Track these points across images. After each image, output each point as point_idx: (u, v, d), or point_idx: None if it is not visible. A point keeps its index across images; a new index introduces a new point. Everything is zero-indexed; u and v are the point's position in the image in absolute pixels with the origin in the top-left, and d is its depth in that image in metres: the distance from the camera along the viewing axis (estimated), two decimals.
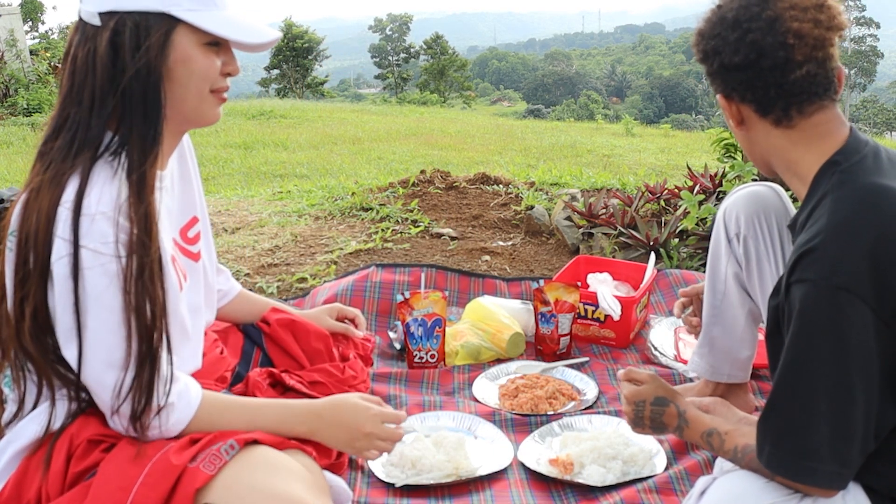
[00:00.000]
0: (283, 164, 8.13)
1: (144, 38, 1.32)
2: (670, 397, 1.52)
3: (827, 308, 1.18)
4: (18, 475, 1.33)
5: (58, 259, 1.26)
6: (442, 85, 42.62)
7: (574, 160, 8.59)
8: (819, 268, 1.19)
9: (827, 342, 1.18)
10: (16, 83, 12.32)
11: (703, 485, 1.40)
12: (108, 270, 1.27)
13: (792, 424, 1.23)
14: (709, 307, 2.01)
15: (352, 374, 1.99)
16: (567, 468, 1.84)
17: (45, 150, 1.34)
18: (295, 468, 1.33)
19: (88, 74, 1.33)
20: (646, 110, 58.56)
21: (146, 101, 1.34)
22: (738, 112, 1.39)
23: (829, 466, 1.20)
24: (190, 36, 1.36)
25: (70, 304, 1.27)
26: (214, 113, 1.46)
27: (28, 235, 1.27)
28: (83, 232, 1.26)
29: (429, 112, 18.48)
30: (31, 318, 1.29)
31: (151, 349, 1.31)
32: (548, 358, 2.49)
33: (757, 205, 1.87)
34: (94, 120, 1.32)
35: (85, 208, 1.26)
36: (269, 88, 37.83)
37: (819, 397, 1.19)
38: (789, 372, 1.23)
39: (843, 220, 1.22)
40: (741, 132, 1.43)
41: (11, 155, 8.44)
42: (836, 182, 1.28)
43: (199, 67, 1.38)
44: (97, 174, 1.30)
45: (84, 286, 1.26)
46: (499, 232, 3.80)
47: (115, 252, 1.27)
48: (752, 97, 1.35)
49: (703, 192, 3.61)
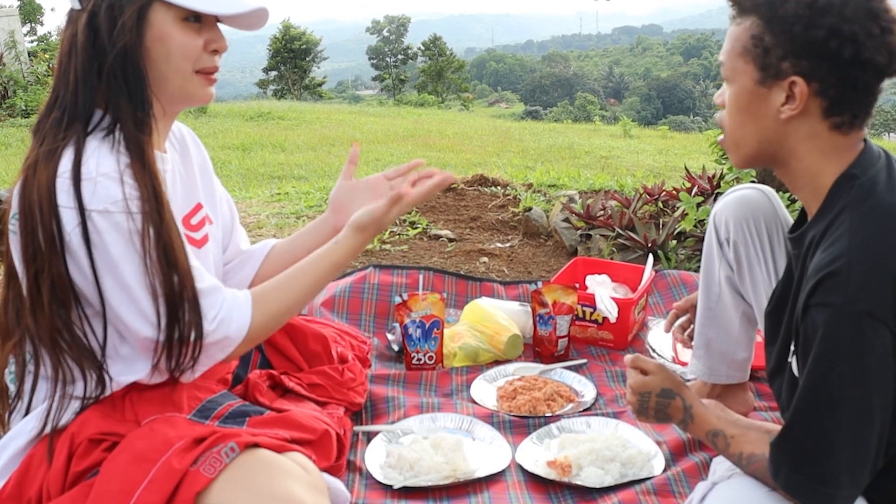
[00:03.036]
0: (281, 166, 8.12)
1: (119, 17, 1.33)
2: (677, 390, 1.50)
3: (850, 334, 1.15)
4: (20, 473, 1.34)
5: (72, 229, 1.27)
6: (439, 87, 42.59)
7: (572, 162, 8.59)
8: (843, 293, 1.15)
9: (849, 368, 1.15)
10: (14, 85, 12.30)
11: (703, 490, 1.40)
12: (122, 228, 1.29)
13: (812, 450, 1.20)
14: (703, 309, 2.00)
15: (350, 377, 2.00)
16: (565, 470, 1.84)
17: (38, 128, 1.37)
18: (294, 470, 1.33)
19: (72, 56, 1.36)
20: (643, 112, 58.59)
21: (128, 81, 1.35)
22: (804, 100, 1.23)
23: (845, 491, 1.19)
24: (166, 13, 1.36)
25: (95, 271, 1.29)
26: (203, 92, 1.45)
27: (31, 211, 1.28)
28: (87, 197, 1.27)
29: (426, 114, 18.46)
30: (48, 291, 1.31)
31: (182, 299, 1.34)
32: (546, 360, 2.49)
33: (746, 209, 1.85)
34: (80, 98, 1.35)
35: (85, 174, 1.28)
36: (266, 90, 37.79)
37: (841, 425, 1.17)
38: (810, 397, 1.20)
39: (866, 243, 1.18)
40: (777, 121, 1.27)
41: (10, 156, 8.42)
42: (855, 199, 1.23)
43: (178, 45, 1.37)
44: (92, 145, 1.32)
45: (106, 249, 1.28)
46: (497, 233, 3.80)
47: (124, 209, 1.29)
48: (836, 94, 1.22)
49: (701, 193, 3.62)
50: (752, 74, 1.27)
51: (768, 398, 2.17)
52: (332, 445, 1.69)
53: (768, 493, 1.29)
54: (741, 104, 1.31)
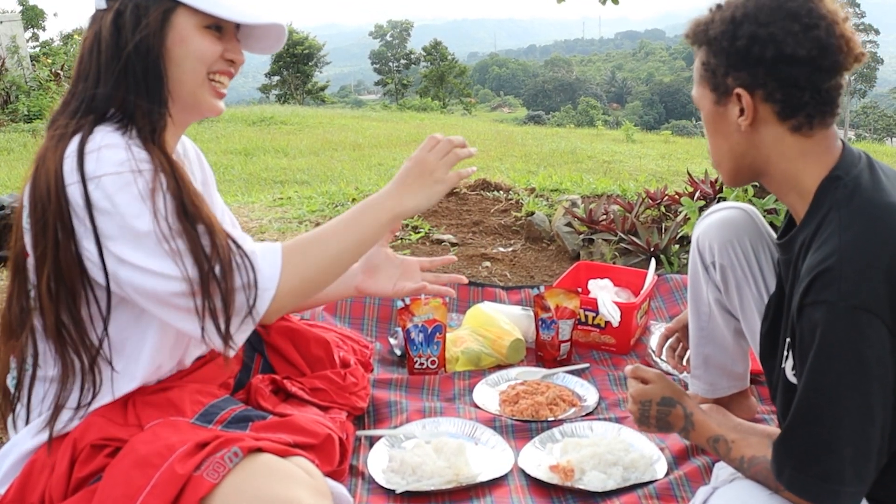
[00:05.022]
0: (284, 171, 8.13)
1: (144, 17, 1.38)
2: (677, 398, 1.51)
3: (846, 329, 1.16)
4: (22, 478, 1.34)
5: (81, 204, 1.27)
6: (442, 91, 42.67)
7: (574, 166, 8.59)
8: (837, 289, 1.16)
9: (848, 365, 1.16)
10: (17, 90, 12.31)
11: (704, 495, 1.40)
12: (132, 186, 1.29)
13: (815, 448, 1.21)
14: (696, 329, 2.00)
15: (353, 381, 2.00)
16: (568, 474, 1.84)
17: (54, 121, 1.39)
18: (297, 475, 1.33)
19: (94, 53, 1.39)
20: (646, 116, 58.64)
21: (147, 79, 1.38)
22: (754, 110, 1.30)
23: (850, 487, 1.19)
24: (189, 18, 1.41)
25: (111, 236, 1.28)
26: (211, 102, 1.48)
27: (41, 197, 1.29)
28: (92, 166, 1.28)
29: (429, 118, 18.48)
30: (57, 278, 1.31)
31: (212, 250, 1.31)
32: (548, 364, 2.49)
33: (729, 231, 1.83)
34: (98, 92, 1.38)
35: (88, 149, 1.29)
36: (269, 94, 37.91)
37: (842, 420, 1.18)
38: (811, 395, 1.21)
39: (856, 239, 1.19)
40: (740, 134, 1.34)
41: (12, 161, 8.44)
42: (842, 198, 1.25)
43: (196, 47, 1.41)
44: (101, 129, 1.34)
45: (119, 212, 1.27)
46: (499, 238, 3.81)
47: (133, 168, 1.29)
48: (782, 96, 1.27)
49: (704, 198, 3.62)
50: (709, 97, 1.36)
51: (771, 402, 2.17)
52: (334, 450, 1.69)
53: (770, 496, 1.29)
54: (710, 127, 1.40)
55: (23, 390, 1.41)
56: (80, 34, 18.42)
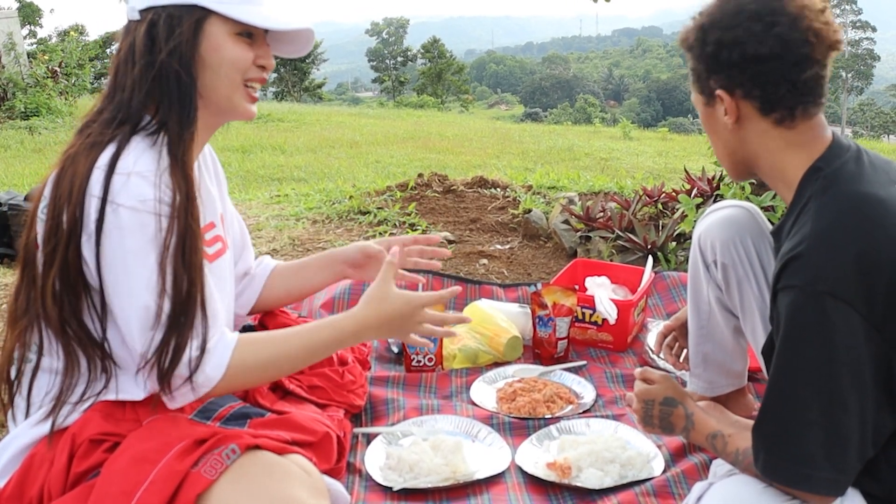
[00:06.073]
0: (281, 168, 8.13)
1: (177, 27, 1.41)
2: (679, 398, 1.54)
3: (812, 314, 1.19)
4: (21, 473, 1.34)
5: (94, 219, 1.30)
6: (439, 88, 42.67)
7: (571, 164, 8.60)
8: (804, 274, 1.20)
9: (813, 348, 1.19)
10: (13, 87, 12.29)
11: (700, 490, 1.41)
12: (147, 228, 1.32)
13: (785, 431, 1.23)
14: (696, 327, 2.00)
15: (350, 379, 2.00)
16: (565, 472, 1.84)
17: (85, 126, 1.42)
18: (295, 472, 1.33)
19: (129, 63, 1.42)
20: (643, 114, 58.69)
21: (180, 85, 1.42)
22: (736, 108, 1.37)
23: (824, 473, 1.21)
24: (222, 26, 1.45)
25: (103, 264, 1.31)
26: (245, 107, 1.53)
27: (61, 197, 1.32)
28: (116, 189, 1.31)
29: (426, 115, 18.49)
30: (60, 277, 1.33)
31: (187, 311, 1.35)
32: (545, 361, 2.49)
33: (731, 230, 1.83)
34: (134, 100, 1.41)
35: (119, 168, 1.32)
36: (266, 92, 37.86)
37: (809, 403, 1.20)
38: (779, 378, 1.24)
39: (826, 227, 1.23)
40: (729, 132, 1.41)
41: (9, 159, 8.43)
42: (819, 188, 1.30)
43: (230, 55, 1.46)
44: (135, 143, 1.37)
45: (123, 243, 1.31)
46: (496, 235, 3.81)
47: (155, 210, 1.33)
48: (759, 93, 1.34)
49: (701, 195, 3.62)
50: (700, 100, 1.45)
51: None
52: (332, 447, 1.69)
53: (764, 489, 1.30)
54: (706, 127, 1.50)
55: (23, 381, 1.41)
56: (76, 31, 18.42)
